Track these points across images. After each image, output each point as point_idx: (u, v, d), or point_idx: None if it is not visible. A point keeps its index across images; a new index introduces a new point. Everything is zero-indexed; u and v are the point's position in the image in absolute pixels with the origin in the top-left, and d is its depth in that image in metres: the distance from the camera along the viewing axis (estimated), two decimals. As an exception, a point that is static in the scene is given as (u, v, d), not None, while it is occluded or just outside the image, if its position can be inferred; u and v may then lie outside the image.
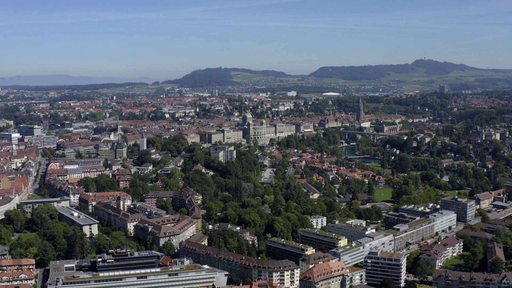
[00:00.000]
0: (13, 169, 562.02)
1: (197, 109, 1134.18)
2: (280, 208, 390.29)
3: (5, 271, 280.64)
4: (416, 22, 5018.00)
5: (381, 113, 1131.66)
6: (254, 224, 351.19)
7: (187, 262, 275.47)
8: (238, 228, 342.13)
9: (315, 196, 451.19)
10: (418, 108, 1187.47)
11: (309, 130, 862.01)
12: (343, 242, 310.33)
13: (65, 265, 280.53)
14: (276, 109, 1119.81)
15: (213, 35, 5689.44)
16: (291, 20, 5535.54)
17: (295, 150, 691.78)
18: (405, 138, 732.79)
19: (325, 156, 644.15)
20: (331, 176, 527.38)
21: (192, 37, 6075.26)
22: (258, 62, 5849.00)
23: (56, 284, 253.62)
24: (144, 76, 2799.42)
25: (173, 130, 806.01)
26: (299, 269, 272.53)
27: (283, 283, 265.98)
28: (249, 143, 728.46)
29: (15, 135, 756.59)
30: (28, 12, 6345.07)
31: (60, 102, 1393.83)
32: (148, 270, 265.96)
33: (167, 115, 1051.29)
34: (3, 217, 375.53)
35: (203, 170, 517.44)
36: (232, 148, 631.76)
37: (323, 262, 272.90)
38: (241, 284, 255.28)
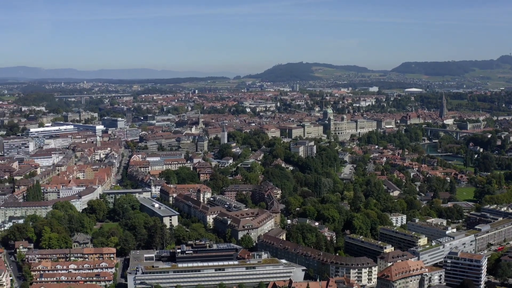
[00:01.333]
0: (97, 160, 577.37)
1: (278, 104, 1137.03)
2: (360, 205, 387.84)
3: (87, 259, 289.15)
4: (502, 17, 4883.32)
5: (465, 110, 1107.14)
6: (333, 220, 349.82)
7: (264, 256, 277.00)
8: (316, 223, 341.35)
9: (395, 193, 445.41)
10: (503, 105, 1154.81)
11: (391, 126, 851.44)
12: (422, 241, 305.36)
13: (145, 255, 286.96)
14: (358, 105, 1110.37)
15: (295, 30, 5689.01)
16: (374, 14, 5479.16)
17: (376, 147, 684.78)
18: (489, 136, 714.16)
19: (407, 153, 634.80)
20: (412, 174, 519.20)
21: (275, 31, 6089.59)
22: (340, 57, 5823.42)
23: (136, 274, 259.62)
24: (226, 71, 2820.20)
25: (253, 124, 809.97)
26: (377, 266, 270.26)
27: (361, 281, 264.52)
28: (329, 139, 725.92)
29: (99, 127, 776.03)
30: (113, 7, 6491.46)
31: (143, 96, 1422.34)
32: (226, 263, 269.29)
33: (248, 109, 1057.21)
34: (86, 206, 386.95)
35: (283, 165, 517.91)
36: (312, 143, 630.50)
37: (401, 260, 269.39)
38: (318, 280, 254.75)
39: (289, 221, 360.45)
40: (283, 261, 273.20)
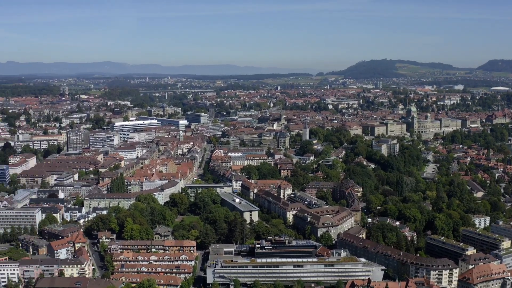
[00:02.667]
0: (179, 154, 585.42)
1: (361, 101, 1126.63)
2: (442, 205, 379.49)
3: (167, 251, 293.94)
4: None
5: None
6: (414, 220, 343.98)
7: (344, 254, 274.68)
8: (397, 223, 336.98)
9: (479, 194, 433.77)
10: None
11: (476, 125, 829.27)
12: (506, 244, 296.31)
13: (225, 249, 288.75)
14: (442, 103, 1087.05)
15: (379, 26, 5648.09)
16: (459, 10, 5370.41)
17: (460, 146, 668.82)
18: None
19: (492, 153, 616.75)
20: (497, 174, 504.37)
21: (358, 28, 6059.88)
22: (424, 54, 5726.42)
23: (215, 267, 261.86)
24: (309, 67, 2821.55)
25: (336, 121, 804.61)
26: (458, 269, 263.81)
27: (441, 282, 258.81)
28: (412, 137, 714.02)
29: (183, 122, 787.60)
30: (198, 3, 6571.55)
31: (226, 91, 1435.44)
32: (304, 259, 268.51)
33: (330, 106, 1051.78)
34: (168, 199, 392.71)
35: (365, 163, 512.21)
36: (395, 141, 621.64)
37: (483, 263, 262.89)
38: (397, 280, 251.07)
39: (369, 220, 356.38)
40: (362, 260, 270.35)
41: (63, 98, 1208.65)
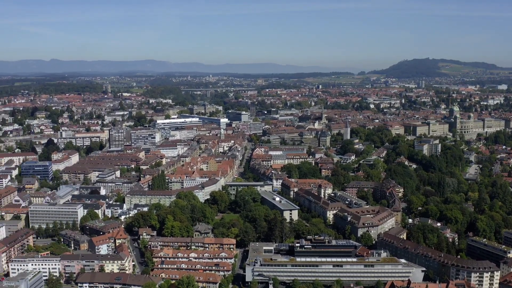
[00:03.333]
0: (220, 152, 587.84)
1: (403, 100, 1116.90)
2: (484, 207, 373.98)
3: (207, 249, 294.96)
4: None
5: None
6: (456, 221, 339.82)
7: (384, 254, 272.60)
8: (438, 224, 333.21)
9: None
10: None
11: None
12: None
13: (264, 248, 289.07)
14: (485, 103, 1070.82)
15: (422, 25, 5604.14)
16: (503, 9, 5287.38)
17: (504, 147, 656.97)
18: None
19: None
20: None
21: (401, 27, 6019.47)
22: (467, 53, 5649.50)
23: (254, 265, 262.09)
24: (350, 66, 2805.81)
25: (377, 120, 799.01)
26: (499, 271, 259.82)
27: (482, 285, 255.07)
28: (455, 137, 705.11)
29: (224, 120, 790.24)
30: (239, 3, 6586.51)
31: (267, 90, 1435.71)
32: (344, 259, 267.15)
33: (372, 106, 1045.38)
34: (208, 197, 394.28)
35: (406, 163, 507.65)
36: (437, 141, 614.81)
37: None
38: (437, 282, 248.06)
39: (410, 220, 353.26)
40: (403, 260, 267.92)
41: (105, 96, 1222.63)
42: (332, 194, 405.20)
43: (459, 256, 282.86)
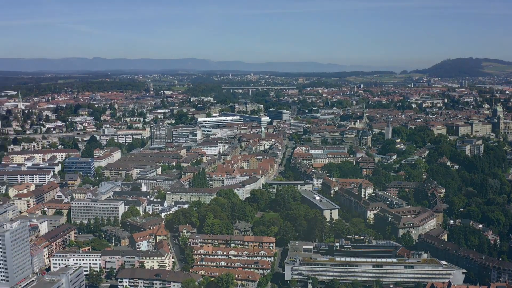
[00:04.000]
0: (261, 150, 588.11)
1: (445, 100, 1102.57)
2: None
3: (247, 247, 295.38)
4: None
5: None
6: (498, 223, 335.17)
7: (424, 255, 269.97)
8: (480, 225, 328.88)
9: None
10: None
11: None
12: None
13: (304, 246, 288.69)
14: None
15: (465, 24, 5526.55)
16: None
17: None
18: None
19: None
20: None
21: (443, 25, 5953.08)
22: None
23: (293, 264, 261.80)
24: (392, 65, 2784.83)
25: (419, 120, 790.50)
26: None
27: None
28: (498, 138, 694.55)
29: (265, 119, 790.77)
30: (280, 1, 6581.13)
31: (308, 89, 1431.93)
32: (384, 260, 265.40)
33: (414, 105, 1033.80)
34: (248, 195, 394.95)
35: (448, 163, 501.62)
36: (479, 142, 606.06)
37: None
38: (478, 284, 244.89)
39: (451, 222, 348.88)
40: (443, 262, 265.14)
41: (147, 94, 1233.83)
42: (373, 194, 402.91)
43: (501, 259, 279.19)
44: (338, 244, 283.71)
